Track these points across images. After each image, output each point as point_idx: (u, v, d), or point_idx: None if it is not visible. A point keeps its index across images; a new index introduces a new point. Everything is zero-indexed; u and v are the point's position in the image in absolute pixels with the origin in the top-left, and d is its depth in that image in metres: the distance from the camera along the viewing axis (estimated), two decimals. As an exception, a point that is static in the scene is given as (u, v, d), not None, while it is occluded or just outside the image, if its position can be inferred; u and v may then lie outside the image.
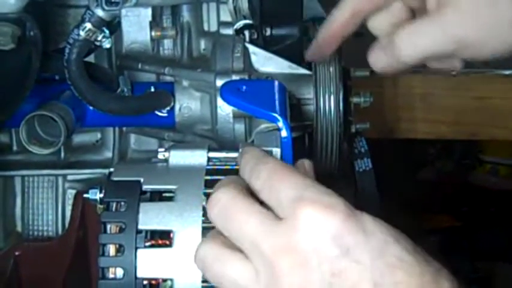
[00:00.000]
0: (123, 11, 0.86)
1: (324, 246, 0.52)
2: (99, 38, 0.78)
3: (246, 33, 0.88)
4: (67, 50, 0.78)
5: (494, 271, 1.74)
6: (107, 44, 0.78)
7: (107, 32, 0.78)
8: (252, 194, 0.58)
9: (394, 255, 0.53)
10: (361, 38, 1.52)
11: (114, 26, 0.83)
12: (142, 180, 0.66)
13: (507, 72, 1.45)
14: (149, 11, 0.90)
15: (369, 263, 0.52)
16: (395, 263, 0.52)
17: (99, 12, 0.76)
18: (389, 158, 1.75)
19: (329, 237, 0.52)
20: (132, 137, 0.97)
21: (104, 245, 0.64)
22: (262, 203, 0.57)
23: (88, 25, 0.77)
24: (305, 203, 0.53)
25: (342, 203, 0.54)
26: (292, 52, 0.91)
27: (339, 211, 0.53)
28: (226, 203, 0.57)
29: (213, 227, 0.63)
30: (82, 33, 0.77)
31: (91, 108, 0.84)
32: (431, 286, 0.52)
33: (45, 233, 0.96)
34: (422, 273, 0.53)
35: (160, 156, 0.70)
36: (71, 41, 0.78)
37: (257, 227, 0.55)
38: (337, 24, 0.74)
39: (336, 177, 0.91)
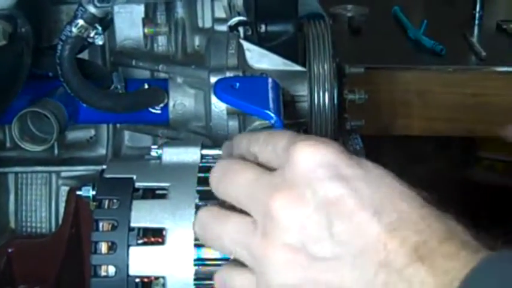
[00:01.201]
0: (116, 8, 0.86)
1: (319, 175, 0.51)
2: (91, 35, 0.77)
3: (241, 29, 0.87)
4: (59, 47, 0.78)
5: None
6: (99, 41, 0.78)
7: (100, 28, 0.77)
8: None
9: (393, 188, 0.52)
10: (357, 35, 1.52)
11: (106, 22, 0.82)
12: (135, 177, 0.66)
13: (503, 69, 1.45)
14: (142, 7, 0.90)
15: (367, 192, 0.51)
16: (394, 195, 0.51)
17: (92, 9, 0.76)
18: (385, 155, 1.75)
19: (323, 165, 0.51)
20: (126, 134, 0.97)
21: (96, 242, 0.63)
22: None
23: (80, 22, 0.76)
24: (297, 144, 0.53)
25: (336, 144, 0.53)
26: (287, 49, 0.91)
27: (333, 146, 0.53)
28: (225, 167, 0.57)
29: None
30: (74, 29, 0.77)
31: (84, 105, 0.84)
32: (436, 217, 0.51)
33: (38, 230, 0.96)
34: (423, 206, 0.51)
35: (153, 153, 0.69)
36: (63, 37, 0.78)
37: (253, 178, 0.54)
38: None
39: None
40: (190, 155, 0.68)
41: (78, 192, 0.69)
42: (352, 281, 0.50)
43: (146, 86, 0.88)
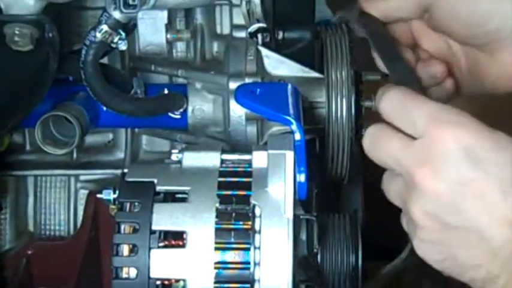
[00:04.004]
0: (140, 14, 0.86)
1: (458, 158, 0.58)
2: (115, 40, 0.78)
3: (259, 36, 0.88)
4: (83, 52, 0.79)
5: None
6: (122, 46, 0.79)
7: (123, 34, 0.78)
8: None
9: None
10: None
11: (130, 28, 0.83)
12: (156, 181, 0.67)
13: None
14: (165, 13, 0.91)
15: (497, 173, 0.58)
16: None
17: (116, 15, 0.77)
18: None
19: (459, 149, 0.58)
20: (144, 138, 0.97)
21: (118, 245, 0.64)
22: None
23: (104, 27, 0.77)
24: (438, 123, 0.59)
25: (474, 121, 0.59)
26: (304, 55, 0.91)
27: (471, 128, 0.59)
28: (374, 134, 0.64)
29: (226, 229, 0.64)
30: (98, 35, 0.77)
31: (105, 109, 0.85)
32: None
33: (57, 233, 0.97)
34: None
35: (173, 157, 0.70)
36: (87, 42, 0.78)
37: (398, 147, 0.61)
38: None
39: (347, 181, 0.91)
40: (211, 159, 0.69)
41: (99, 196, 0.70)
42: (478, 249, 0.58)
43: (166, 91, 0.89)
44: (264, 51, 0.87)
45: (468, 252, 0.59)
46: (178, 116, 0.90)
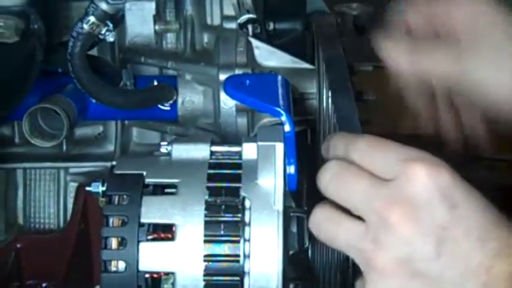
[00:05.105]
0: (127, 5, 0.86)
1: (435, 200, 0.55)
2: (102, 32, 0.78)
3: (249, 27, 0.88)
4: (70, 43, 0.78)
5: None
6: (110, 38, 0.78)
7: (111, 25, 0.78)
8: None
9: (493, 213, 0.56)
10: (362, 34, 1.52)
11: (117, 19, 0.83)
12: (145, 173, 0.66)
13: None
14: (153, 4, 0.90)
15: (474, 219, 0.55)
16: (497, 220, 0.56)
17: (103, 6, 0.76)
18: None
19: (440, 192, 0.55)
20: (134, 130, 0.97)
21: (106, 238, 0.64)
22: None
23: (92, 18, 0.77)
24: (415, 161, 0.56)
25: (446, 164, 0.57)
26: (295, 46, 0.91)
27: (447, 169, 0.56)
28: (337, 170, 0.59)
29: (216, 222, 0.63)
30: (86, 26, 0.77)
31: (93, 101, 0.84)
32: None
33: (46, 226, 0.97)
34: None
35: (163, 149, 0.70)
36: (74, 34, 0.78)
37: (368, 185, 0.57)
38: None
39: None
40: (200, 151, 0.69)
41: (88, 188, 0.69)
42: None
43: (155, 83, 0.89)
44: (255, 42, 0.87)
45: None
46: (168, 108, 0.89)
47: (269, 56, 0.87)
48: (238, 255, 0.63)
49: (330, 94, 0.73)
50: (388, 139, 0.60)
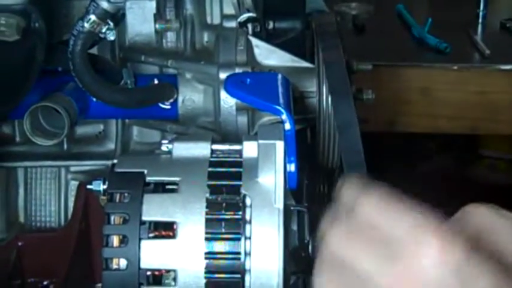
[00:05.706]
0: (128, 3, 0.86)
1: (446, 278, 0.51)
2: (103, 30, 0.78)
3: (249, 26, 0.88)
4: (71, 42, 0.78)
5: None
6: (111, 36, 0.78)
7: (112, 24, 0.78)
8: None
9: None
10: (361, 33, 1.52)
11: (118, 18, 0.83)
12: (146, 171, 0.67)
13: (507, 67, 1.46)
14: (154, 3, 0.90)
15: None
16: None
17: (104, 4, 0.76)
18: (388, 152, 1.75)
19: (451, 268, 0.51)
20: (135, 129, 0.97)
21: (108, 235, 0.64)
22: None
23: (92, 17, 0.77)
24: (427, 233, 0.52)
25: (462, 234, 0.52)
26: (295, 45, 0.91)
27: (460, 243, 0.52)
28: (349, 227, 0.54)
29: (217, 219, 0.63)
30: (86, 25, 0.77)
31: (94, 100, 0.84)
32: None
33: (47, 224, 0.96)
34: None
35: (163, 148, 0.70)
36: (75, 32, 0.78)
37: (377, 256, 0.53)
38: None
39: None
40: (201, 149, 0.69)
41: (89, 186, 0.69)
42: None
43: (156, 82, 0.89)
44: (255, 41, 0.87)
45: None
46: (169, 107, 0.89)
47: (269, 55, 0.87)
48: (239, 253, 0.63)
49: (330, 98, 0.72)
50: (400, 195, 0.55)
